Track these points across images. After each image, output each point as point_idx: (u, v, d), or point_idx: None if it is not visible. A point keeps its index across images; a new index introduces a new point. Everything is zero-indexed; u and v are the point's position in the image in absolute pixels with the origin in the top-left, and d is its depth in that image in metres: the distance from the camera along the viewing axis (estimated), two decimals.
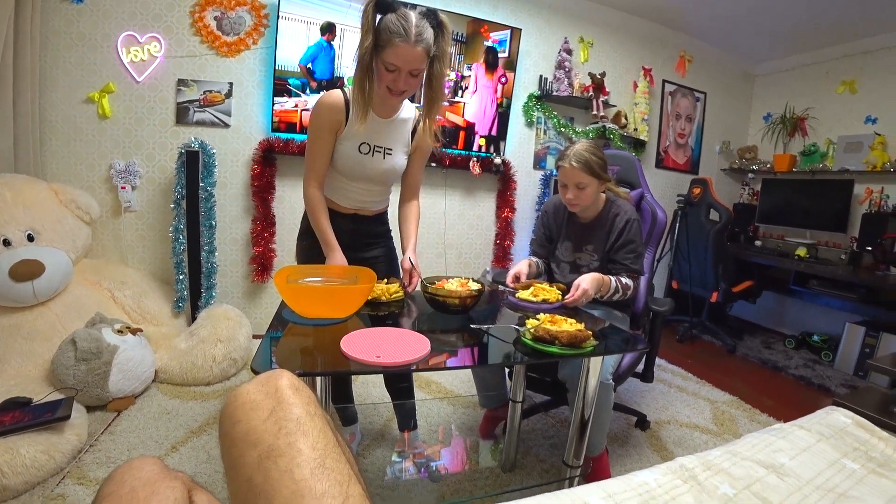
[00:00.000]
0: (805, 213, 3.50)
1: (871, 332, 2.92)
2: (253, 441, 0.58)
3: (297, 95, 2.56)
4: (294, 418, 0.60)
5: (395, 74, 1.21)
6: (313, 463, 0.56)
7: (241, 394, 0.64)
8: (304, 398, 0.64)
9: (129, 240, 2.52)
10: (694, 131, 3.99)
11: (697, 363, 2.94)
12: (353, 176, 1.40)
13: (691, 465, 0.92)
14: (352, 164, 1.36)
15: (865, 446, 1.07)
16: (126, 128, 2.44)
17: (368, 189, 1.45)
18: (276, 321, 1.10)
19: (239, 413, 0.62)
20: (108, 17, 2.33)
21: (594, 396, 1.22)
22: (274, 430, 0.59)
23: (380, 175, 1.42)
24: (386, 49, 1.18)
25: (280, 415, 0.60)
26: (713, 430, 2.08)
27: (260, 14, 2.54)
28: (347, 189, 1.44)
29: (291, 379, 0.66)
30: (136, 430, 1.74)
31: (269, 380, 0.65)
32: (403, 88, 1.25)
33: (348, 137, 1.34)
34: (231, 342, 2.18)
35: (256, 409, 0.61)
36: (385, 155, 1.39)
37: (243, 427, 0.60)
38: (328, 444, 0.60)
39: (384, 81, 1.24)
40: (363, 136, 1.34)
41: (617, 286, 1.55)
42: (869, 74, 3.39)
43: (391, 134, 1.39)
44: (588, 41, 3.36)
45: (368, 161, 1.37)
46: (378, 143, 1.37)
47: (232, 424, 0.62)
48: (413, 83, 1.25)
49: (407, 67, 1.20)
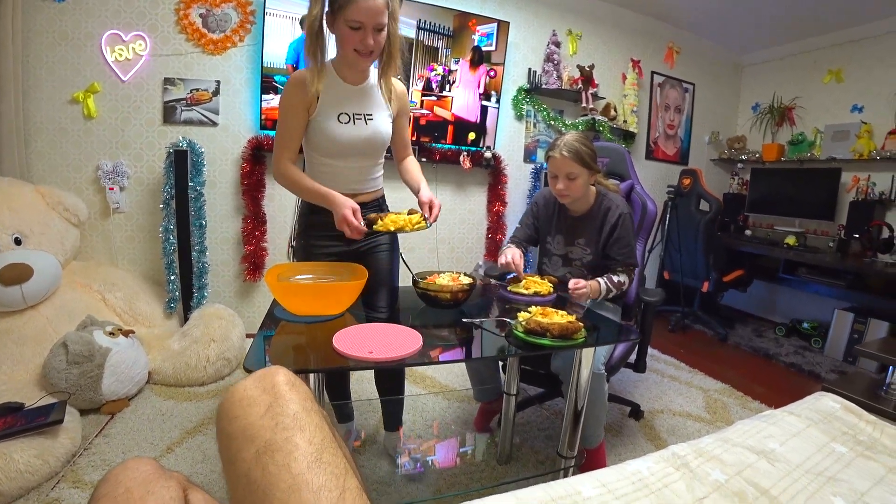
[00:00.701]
0: (793, 201, 3.54)
1: (860, 318, 2.96)
2: (250, 436, 0.59)
3: None
4: (291, 414, 0.61)
5: (361, 33, 1.18)
6: (310, 457, 0.57)
7: (237, 390, 0.64)
8: (300, 394, 0.65)
9: (119, 241, 2.50)
10: (683, 122, 4.01)
11: (689, 352, 2.98)
12: (340, 152, 1.35)
13: (683, 452, 0.94)
14: (335, 136, 1.32)
15: (853, 430, 1.09)
16: (112, 128, 2.41)
17: (359, 166, 1.41)
18: (269, 319, 1.10)
19: (236, 409, 0.62)
20: (91, 16, 2.30)
21: (587, 387, 1.23)
22: (271, 425, 0.59)
23: (366, 143, 1.37)
24: (346, 8, 1.15)
25: (277, 410, 0.61)
26: (706, 417, 2.11)
27: (246, 11, 2.51)
28: (338, 172, 1.39)
29: (288, 375, 0.66)
30: (131, 432, 1.73)
31: (266, 376, 0.65)
32: (372, 46, 1.21)
33: (323, 110, 1.30)
34: (224, 342, 2.17)
35: (253, 405, 0.62)
36: (367, 121, 1.35)
37: (241, 423, 0.61)
38: (325, 438, 0.61)
39: (351, 44, 1.21)
40: (339, 106, 1.31)
41: (608, 288, 1.57)
42: (855, 63, 3.42)
43: (366, 100, 1.36)
44: (576, 33, 3.35)
45: (351, 130, 1.33)
46: (357, 111, 1.34)
47: (229, 421, 0.62)
48: (379, 39, 1.22)
49: (371, 22, 1.17)
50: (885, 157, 3.06)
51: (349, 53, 1.24)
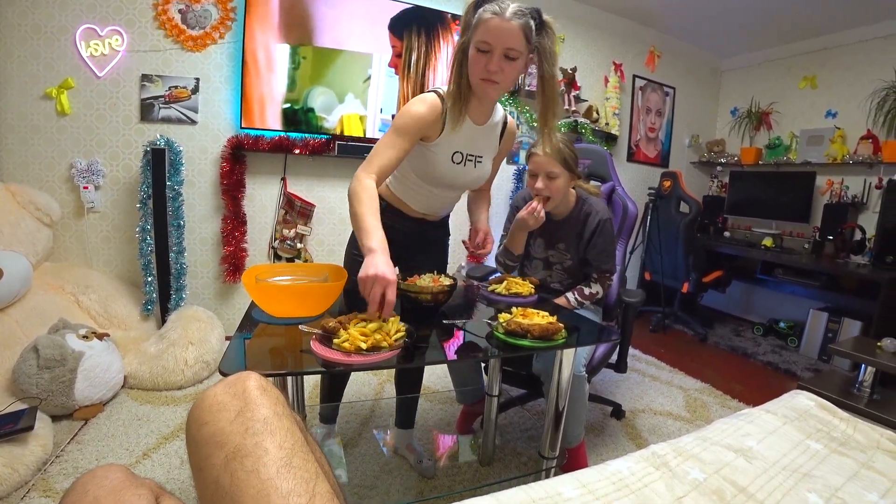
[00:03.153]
0: (770, 204, 3.63)
1: (834, 317, 3.05)
2: (219, 442, 0.58)
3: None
4: (261, 418, 0.60)
5: (487, 56, 1.09)
6: (280, 462, 0.56)
7: (208, 396, 0.63)
8: (271, 398, 0.64)
9: (94, 242, 2.43)
10: (664, 125, 4.08)
11: (670, 352, 3.02)
12: (439, 184, 1.32)
13: (663, 451, 0.94)
14: (442, 172, 1.27)
15: (828, 427, 1.11)
16: (87, 125, 2.34)
17: (448, 196, 1.40)
18: (247, 322, 1.07)
19: (206, 415, 0.61)
20: (64, 9, 2.23)
21: (567, 388, 1.23)
22: (241, 430, 0.58)
23: (467, 184, 1.36)
24: (477, 29, 1.08)
25: (247, 415, 0.60)
26: (686, 416, 2.14)
27: (226, 7, 2.47)
28: (424, 195, 1.35)
29: (259, 380, 0.66)
30: (105, 438, 1.68)
31: (237, 381, 0.64)
32: (496, 71, 1.10)
33: (441, 145, 1.24)
34: (203, 344, 2.13)
35: (223, 411, 0.61)
36: (476, 163, 1.32)
37: (210, 429, 0.60)
38: (296, 443, 0.60)
39: (477, 69, 1.12)
40: (457, 144, 1.25)
41: (578, 301, 1.60)
42: (828, 70, 3.52)
43: (483, 141, 1.32)
44: (560, 36, 3.38)
45: (460, 171, 1.29)
46: (470, 152, 1.29)
47: (199, 427, 0.61)
48: (508, 69, 1.11)
49: (500, 44, 1.07)
50: (857, 161, 3.15)
51: (475, 80, 1.15)
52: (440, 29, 2.82)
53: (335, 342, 0.89)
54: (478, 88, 1.17)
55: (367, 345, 0.87)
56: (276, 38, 2.48)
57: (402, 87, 2.80)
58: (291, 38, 2.51)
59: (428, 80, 2.84)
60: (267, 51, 2.47)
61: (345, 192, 1.43)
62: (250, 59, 2.44)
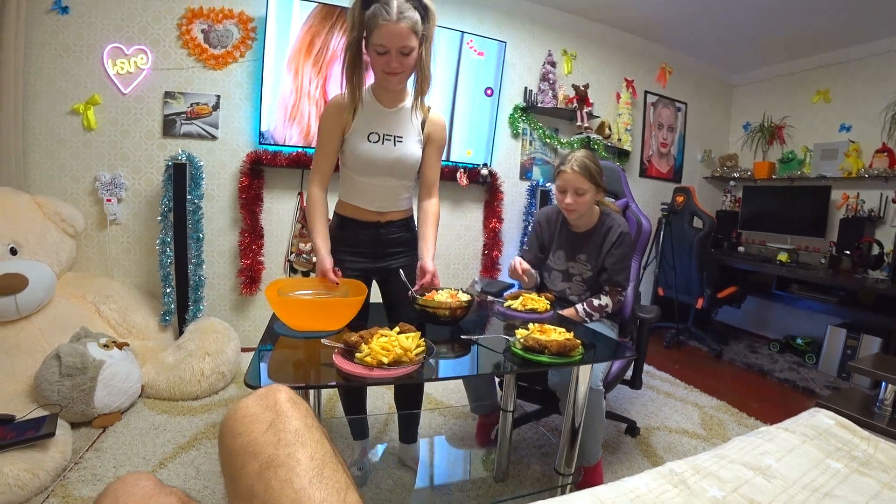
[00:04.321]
0: (785, 218, 3.59)
1: (852, 334, 2.99)
2: (253, 452, 0.59)
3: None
4: (293, 430, 0.61)
5: (386, 57, 1.24)
6: (311, 472, 0.57)
7: (240, 407, 0.65)
8: (301, 411, 0.66)
9: (115, 253, 2.49)
10: (676, 141, 4.08)
11: (685, 369, 2.98)
12: (369, 170, 1.39)
13: (681, 469, 0.94)
14: (363, 154, 1.36)
15: (848, 446, 1.10)
16: (112, 140, 2.42)
17: (388, 185, 1.43)
18: (268, 335, 1.10)
19: (239, 426, 0.63)
20: (93, 29, 2.32)
21: (584, 404, 1.23)
22: (273, 441, 0.60)
23: (394, 164, 1.39)
24: (373, 33, 1.22)
25: (279, 426, 0.61)
26: (702, 434, 2.11)
27: (247, 27, 2.55)
28: (367, 189, 1.42)
29: (289, 393, 0.68)
30: (123, 446, 1.70)
31: (268, 393, 0.67)
32: (397, 69, 1.25)
33: (356, 130, 1.36)
34: (219, 356, 2.15)
35: (256, 422, 0.62)
36: (395, 142, 1.38)
37: (244, 439, 0.61)
38: (326, 454, 0.62)
39: (379, 66, 1.27)
40: (371, 126, 1.36)
41: (587, 312, 1.60)
42: (842, 84, 3.51)
43: (399, 122, 1.40)
44: (571, 54, 3.42)
45: (379, 150, 1.37)
46: (387, 132, 1.38)
47: (232, 437, 0.63)
48: (405, 62, 1.26)
49: (394, 45, 1.21)
50: (873, 175, 3.12)
51: (379, 75, 1.30)
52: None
53: (357, 356, 0.90)
54: (383, 81, 1.31)
55: (389, 359, 0.89)
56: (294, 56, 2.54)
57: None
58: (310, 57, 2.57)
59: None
60: (285, 69, 2.53)
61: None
62: (269, 76, 2.50)
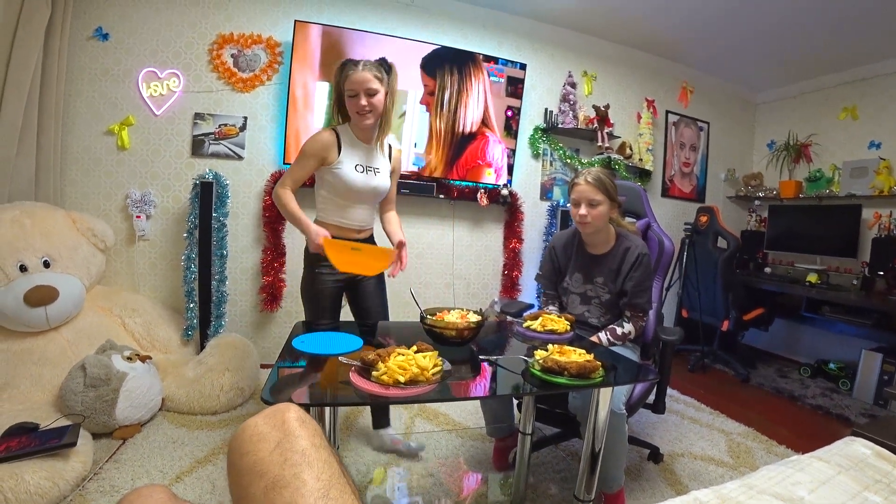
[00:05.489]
0: (814, 238, 3.49)
1: (889, 358, 2.85)
2: (259, 472, 0.60)
3: None
4: (300, 450, 0.62)
5: (356, 99, 1.54)
6: (317, 493, 0.57)
7: (248, 426, 0.66)
8: (309, 431, 0.66)
9: (142, 268, 2.56)
10: (699, 160, 4.03)
11: (710, 393, 2.88)
12: (352, 195, 1.64)
13: (706, 498, 0.90)
14: (353, 180, 1.61)
15: (888, 478, 1.04)
16: (143, 159, 2.52)
17: (364, 207, 1.71)
18: (286, 352, 1.10)
19: (247, 445, 0.63)
20: (130, 54, 2.45)
21: (605, 428, 1.20)
22: (280, 461, 0.60)
23: (373, 191, 1.67)
24: (345, 83, 1.54)
25: (286, 446, 0.62)
26: (728, 462, 2.02)
27: (274, 52, 2.64)
28: (349, 210, 1.68)
29: (298, 412, 0.68)
30: (141, 458, 1.72)
31: (277, 413, 0.67)
32: (366, 107, 1.54)
33: (345, 162, 1.61)
34: (239, 371, 2.18)
35: (263, 441, 0.63)
36: (375, 173, 1.67)
37: (251, 458, 0.61)
38: (333, 475, 0.61)
39: (353, 109, 1.57)
40: (356, 158, 1.63)
41: (610, 342, 1.58)
42: (869, 100, 3.44)
43: (374, 156, 1.69)
44: (591, 74, 3.44)
45: (364, 178, 1.64)
46: (369, 164, 1.66)
47: (240, 456, 0.63)
48: (373, 102, 1.55)
49: (361, 87, 1.52)
50: None
51: (354, 116, 1.58)
52: (472, 68, 2.92)
53: (374, 374, 0.90)
54: (357, 120, 1.58)
55: (406, 378, 0.88)
56: (315, 76, 2.62)
57: (432, 123, 2.89)
58: (331, 76, 2.64)
59: (459, 116, 2.92)
60: (306, 89, 2.61)
61: (380, 227, 1.62)
62: (293, 98, 2.58)
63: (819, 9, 2.72)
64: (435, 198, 2.94)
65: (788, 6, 2.72)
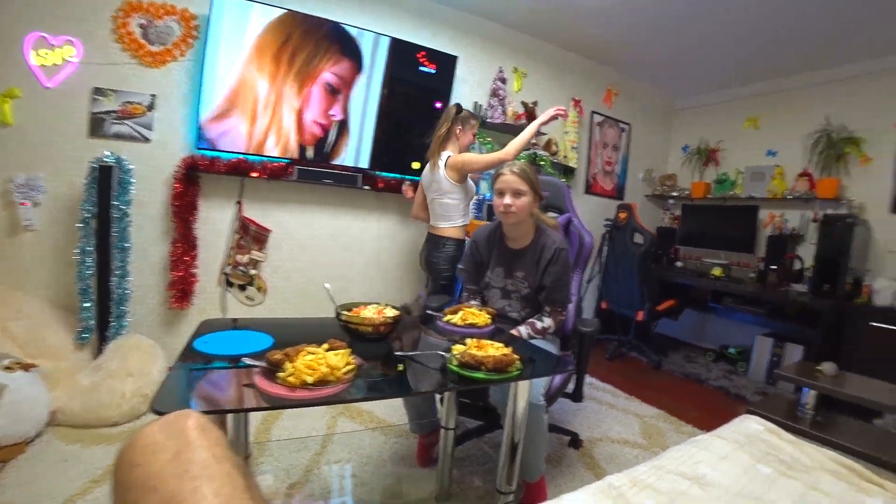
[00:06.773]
0: (719, 235, 3.82)
1: (778, 343, 3.21)
2: (152, 486, 0.52)
3: None
4: (200, 461, 0.55)
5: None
6: None
7: (143, 435, 0.58)
8: (210, 440, 0.59)
9: (28, 263, 2.26)
10: (620, 160, 4.25)
11: (626, 380, 3.06)
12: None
13: (619, 483, 0.94)
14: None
15: (776, 450, 1.15)
16: (30, 138, 2.20)
17: None
18: (186, 354, 1.01)
19: (139, 456, 0.56)
20: (12, 14, 2.12)
21: (524, 419, 1.22)
22: (177, 473, 0.53)
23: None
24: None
25: (185, 457, 0.55)
26: (642, 444, 2.15)
27: (189, 25, 2.42)
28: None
29: (199, 419, 0.61)
30: (25, 482, 1.51)
31: (175, 420, 0.60)
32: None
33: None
34: (143, 376, 1.98)
35: (159, 452, 0.55)
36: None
37: (143, 471, 0.54)
38: (234, 489, 0.55)
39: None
40: None
41: (530, 335, 1.61)
42: (769, 112, 3.81)
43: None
44: (522, 71, 3.50)
45: None
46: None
47: (129, 469, 0.55)
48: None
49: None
50: (795, 196, 3.39)
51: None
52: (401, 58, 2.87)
53: (279, 376, 0.84)
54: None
55: (314, 379, 0.83)
56: (246, 59, 2.44)
57: None
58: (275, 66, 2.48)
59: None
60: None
61: (303, 219, 1.51)
62: (214, 79, 2.38)
63: (740, 25, 2.96)
64: (360, 189, 2.86)
65: (714, 21, 2.94)
